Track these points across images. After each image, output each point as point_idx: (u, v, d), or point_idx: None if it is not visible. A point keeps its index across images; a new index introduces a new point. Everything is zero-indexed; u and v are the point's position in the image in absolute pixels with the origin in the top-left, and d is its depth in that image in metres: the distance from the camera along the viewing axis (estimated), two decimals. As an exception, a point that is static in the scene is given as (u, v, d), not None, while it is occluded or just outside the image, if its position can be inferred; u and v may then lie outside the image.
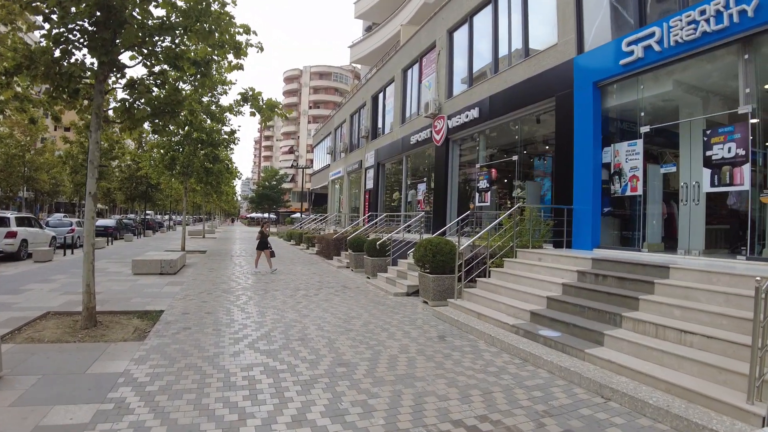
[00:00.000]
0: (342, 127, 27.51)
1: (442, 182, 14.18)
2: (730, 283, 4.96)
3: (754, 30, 5.95)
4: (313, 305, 8.24)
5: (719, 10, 6.23)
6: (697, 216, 6.92)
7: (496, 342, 5.89)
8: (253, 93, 6.75)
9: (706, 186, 6.59)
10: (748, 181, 6.06)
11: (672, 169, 7.32)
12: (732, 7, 6.07)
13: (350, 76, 76.40)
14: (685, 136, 7.33)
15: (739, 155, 6.17)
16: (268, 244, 13.20)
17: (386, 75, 19.77)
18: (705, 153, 6.60)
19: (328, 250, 17.48)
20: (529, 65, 10.26)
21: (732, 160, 6.25)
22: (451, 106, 13.80)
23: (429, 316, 7.57)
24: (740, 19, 6.01)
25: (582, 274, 6.51)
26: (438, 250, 8.47)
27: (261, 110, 6.69)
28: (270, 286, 10.43)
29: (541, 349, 5.39)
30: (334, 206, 29.23)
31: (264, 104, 6.74)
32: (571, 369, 4.72)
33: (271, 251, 13.25)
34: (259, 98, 6.75)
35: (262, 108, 6.68)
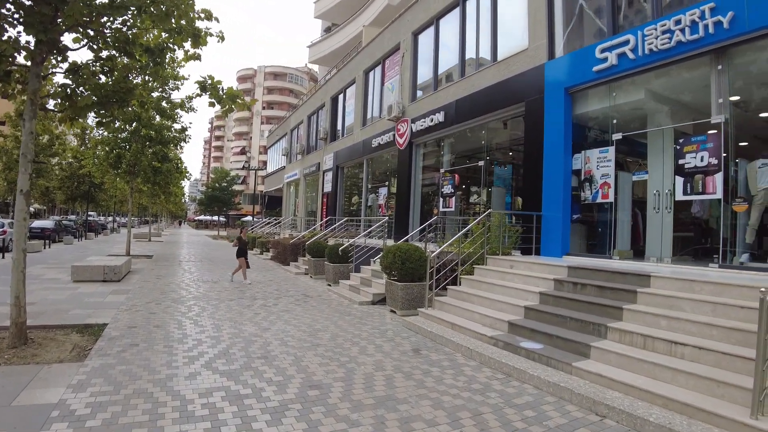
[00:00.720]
0: (299, 128, 26.67)
1: (405, 187, 13.86)
2: (714, 292, 4.88)
3: (728, 41, 6.03)
4: (273, 317, 7.55)
5: (695, 21, 6.28)
6: (669, 224, 6.95)
7: (475, 355, 5.53)
8: (213, 82, 6.06)
9: (679, 194, 6.62)
10: (720, 190, 6.11)
11: (644, 177, 7.35)
12: (708, 18, 6.14)
13: (305, 78, 75.27)
14: (657, 144, 7.39)
15: (711, 164, 6.23)
16: (245, 252, 12.11)
17: (347, 76, 19.29)
18: (677, 161, 6.64)
19: (284, 256, 16.65)
20: (497, 70, 10.15)
21: (704, 168, 6.30)
22: (415, 110, 13.53)
23: (399, 327, 7.12)
24: (715, 30, 6.08)
25: (559, 283, 6.31)
26: (407, 256, 8.06)
27: (221, 100, 6.00)
28: (224, 295, 9.59)
29: (524, 362, 5.08)
30: (289, 209, 28.23)
31: (224, 94, 6.05)
32: (560, 384, 4.43)
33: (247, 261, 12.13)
34: (219, 87, 6.06)
35: (222, 98, 6.00)
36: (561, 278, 6.37)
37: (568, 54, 8.34)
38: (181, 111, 15.45)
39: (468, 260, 8.08)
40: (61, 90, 5.83)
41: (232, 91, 6.05)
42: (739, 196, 6.16)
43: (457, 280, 7.81)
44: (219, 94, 5.97)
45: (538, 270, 6.99)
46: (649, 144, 7.59)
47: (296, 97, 73.58)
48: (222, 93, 6.03)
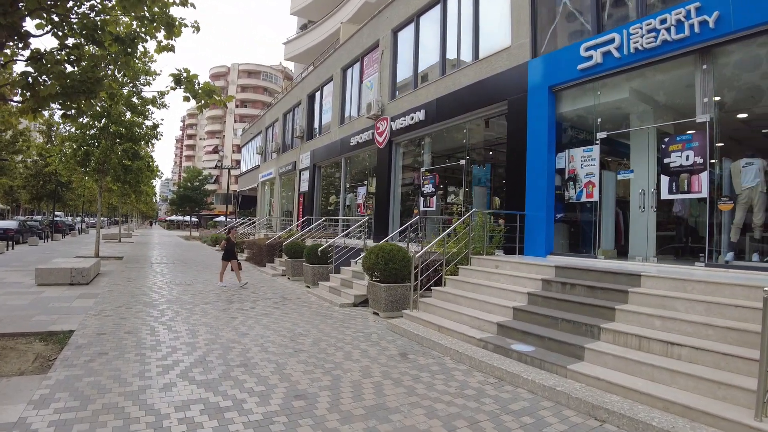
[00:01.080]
0: (274, 126, 26.07)
1: (385, 186, 13.62)
2: (706, 292, 4.83)
3: (714, 41, 6.04)
4: (251, 321, 7.17)
5: (680, 20, 6.28)
6: (654, 223, 6.95)
7: (465, 359, 5.33)
8: (188, 75, 5.64)
9: (664, 193, 6.61)
10: (706, 189, 6.12)
11: (629, 176, 7.34)
12: (693, 17, 6.14)
13: (280, 76, 74.18)
14: (642, 143, 7.39)
15: (697, 163, 6.24)
16: (235, 254, 11.35)
17: (324, 73, 18.92)
18: (663, 160, 6.64)
19: (260, 257, 16.15)
20: (479, 68, 10.04)
21: (690, 168, 6.30)
22: (394, 108, 13.32)
23: (384, 330, 6.86)
24: (701, 30, 6.09)
25: (547, 283, 6.19)
26: (391, 257, 7.82)
27: (196, 95, 5.60)
28: (199, 298, 9.12)
29: (516, 365, 4.91)
30: (264, 209, 27.57)
31: (200, 89, 5.66)
32: (556, 389, 4.26)
33: (238, 262, 11.43)
34: (195, 81, 5.65)
35: (198, 93, 5.60)
36: (549, 278, 6.25)
37: (552, 52, 8.28)
38: (153, 107, 14.82)
39: (452, 260, 7.90)
40: (21, 78, 5.32)
41: (209, 86, 5.66)
42: (724, 195, 6.19)
43: (442, 280, 7.62)
44: (194, 89, 5.58)
45: (525, 270, 6.87)
46: (633, 143, 7.60)
47: (270, 96, 72.51)
48: (198, 87, 5.63)
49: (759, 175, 6.03)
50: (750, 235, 6.21)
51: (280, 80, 74.92)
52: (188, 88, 5.48)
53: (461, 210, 11.16)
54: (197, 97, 5.51)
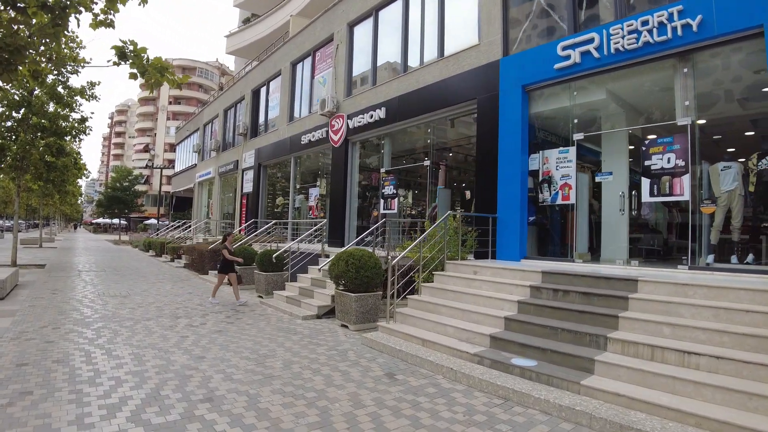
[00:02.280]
0: (213, 123, 24.31)
1: (341, 187, 12.88)
2: (709, 296, 4.67)
3: (696, 44, 6.03)
4: (205, 340, 6.16)
5: (663, 22, 6.23)
6: (635, 226, 6.87)
7: (462, 377, 4.79)
8: (135, 49, 4.62)
9: (645, 196, 6.53)
10: (688, 192, 6.09)
11: (608, 178, 7.23)
12: (676, 20, 6.10)
13: (216, 73, 70.66)
14: (619, 144, 7.33)
15: (678, 166, 6.19)
16: (233, 266, 9.51)
17: (271, 68, 17.80)
18: (643, 162, 6.56)
19: (201, 263, 14.69)
20: (446, 65, 9.66)
21: (671, 170, 6.26)
22: (352, 105, 12.65)
23: (360, 346, 6.16)
24: (684, 33, 6.05)
25: (536, 290, 5.83)
26: (362, 264, 7.14)
27: (145, 71, 4.59)
28: (139, 313, 7.86)
29: (521, 383, 4.44)
30: (201, 212, 25.61)
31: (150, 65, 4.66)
32: (575, 408, 3.84)
33: (238, 275, 9.74)
34: (143, 56, 4.64)
35: (147, 68, 4.60)
36: (537, 285, 5.89)
37: (526, 50, 8.06)
38: (81, 99, 13.04)
39: (426, 267, 7.37)
40: None
41: (160, 62, 4.69)
42: (706, 198, 6.19)
43: (417, 288, 7.06)
44: (143, 64, 4.58)
45: (508, 276, 6.48)
46: (609, 145, 7.53)
47: (206, 93, 68.97)
48: (147, 63, 4.63)
49: (737, 178, 6.09)
50: (728, 237, 6.26)
51: (216, 77, 71.43)
52: (135, 64, 4.48)
53: (426, 212, 10.71)
54: (146, 74, 4.51)
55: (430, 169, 10.40)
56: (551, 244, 8.24)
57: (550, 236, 8.31)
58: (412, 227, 10.59)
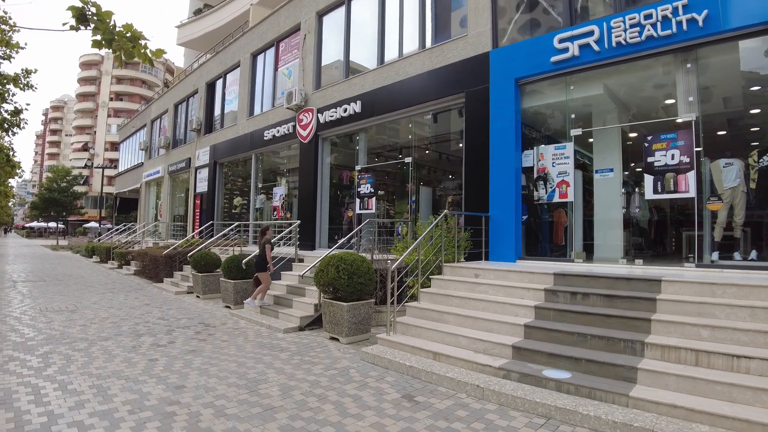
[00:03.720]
0: (162, 118, 22.51)
1: (310, 186, 12.09)
2: (740, 295, 4.47)
3: (701, 40, 5.91)
4: (179, 363, 5.29)
5: (667, 17, 6.06)
6: (638, 224, 6.70)
7: (490, 395, 4.30)
8: (98, 12, 3.70)
9: (649, 193, 6.36)
10: (693, 189, 5.96)
11: (609, 175, 7.03)
12: (681, 14, 5.95)
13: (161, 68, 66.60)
14: (614, 141, 7.15)
15: (683, 162, 6.06)
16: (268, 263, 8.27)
17: (229, 59, 16.60)
18: (646, 159, 6.39)
19: (155, 270, 13.35)
20: (429, 57, 9.19)
21: (676, 167, 6.11)
22: (322, 98, 11.90)
23: (360, 363, 5.52)
24: (689, 28, 5.91)
25: (552, 293, 5.47)
26: (355, 270, 6.49)
27: (112, 40, 3.70)
28: (92, 331, 6.79)
29: (562, 398, 4.02)
30: (149, 213, 23.66)
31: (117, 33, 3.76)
32: (633, 425, 3.47)
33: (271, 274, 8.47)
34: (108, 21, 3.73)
35: (115, 36, 3.71)
36: (552, 288, 5.53)
37: (520, 42, 7.73)
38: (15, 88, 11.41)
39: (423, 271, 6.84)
40: None
41: (132, 29, 3.79)
42: (713, 195, 6.10)
43: (415, 294, 6.51)
44: (110, 30, 3.68)
45: (515, 278, 6.09)
46: (603, 141, 7.35)
47: (150, 89, 65.04)
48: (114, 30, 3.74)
49: (739, 175, 6.05)
50: (729, 234, 6.21)
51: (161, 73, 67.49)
52: (100, 29, 3.57)
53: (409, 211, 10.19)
54: (114, 44, 3.62)
55: (413, 166, 9.88)
56: (545, 244, 7.97)
57: (542, 236, 8.05)
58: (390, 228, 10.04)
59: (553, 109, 7.80)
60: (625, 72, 6.92)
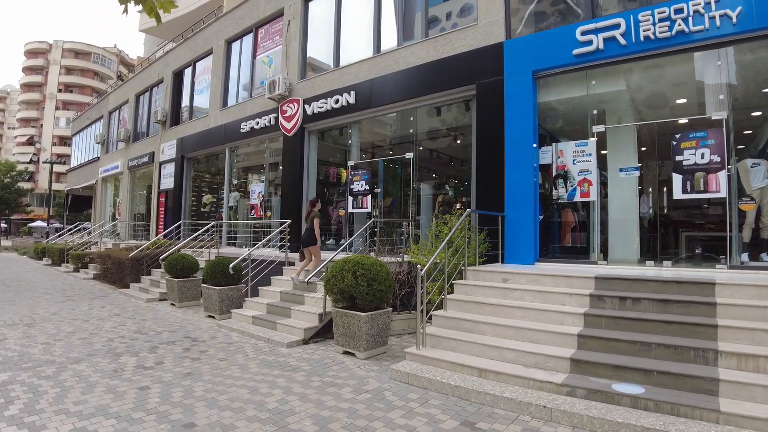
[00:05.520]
0: (122, 109, 20.74)
1: (295, 182, 11.27)
2: (805, 300, 4.26)
3: (735, 37, 5.73)
4: (177, 392, 4.49)
5: (699, 11, 5.85)
6: (667, 224, 6.49)
7: (560, 415, 3.85)
8: None
9: (677, 192, 6.15)
10: (725, 189, 5.78)
11: (634, 174, 6.78)
12: (714, 10, 5.75)
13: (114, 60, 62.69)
14: (631, 139, 6.92)
15: (713, 162, 5.88)
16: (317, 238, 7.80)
17: (200, 46, 15.41)
18: (674, 158, 6.17)
19: (119, 275, 12.10)
20: (434, 46, 8.67)
21: (706, 166, 5.92)
22: (309, 88, 11.13)
23: (391, 383, 4.90)
24: (721, 24, 5.73)
25: (598, 299, 5.10)
26: (374, 275, 5.88)
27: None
28: (59, 350, 5.83)
29: (644, 417, 3.61)
30: (105, 212, 21.77)
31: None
32: (741, 454, 3.09)
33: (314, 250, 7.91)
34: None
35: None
36: (596, 293, 5.16)
37: (538, 33, 7.36)
38: None
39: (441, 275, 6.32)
40: None
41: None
42: (745, 195, 5.96)
43: (432, 301, 5.95)
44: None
45: (550, 283, 5.69)
46: (620, 139, 7.10)
47: (102, 81, 61.09)
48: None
49: (767, 175, 5.94)
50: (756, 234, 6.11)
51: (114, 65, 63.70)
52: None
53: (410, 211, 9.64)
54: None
55: (414, 163, 9.31)
56: (567, 245, 7.66)
57: (558, 236, 7.74)
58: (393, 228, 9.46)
59: (572, 105, 7.49)
60: (651, 67, 6.70)
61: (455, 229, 6.03)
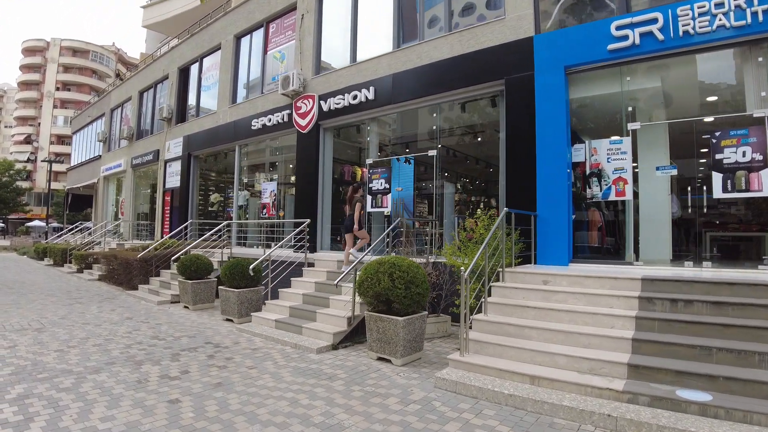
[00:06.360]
0: (125, 107, 20.39)
1: (311, 181, 11.07)
2: None
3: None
4: (212, 405, 4.25)
5: (740, 6, 5.72)
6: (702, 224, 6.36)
7: (626, 425, 3.70)
8: None
9: (717, 191, 6.01)
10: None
11: (672, 172, 6.63)
12: (756, 5, 5.62)
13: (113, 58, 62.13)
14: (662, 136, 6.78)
15: (755, 160, 5.75)
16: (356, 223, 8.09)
17: (207, 41, 15.12)
18: (714, 156, 6.03)
19: (127, 276, 11.85)
20: (459, 40, 8.47)
21: (748, 165, 5.80)
22: (324, 84, 10.91)
23: (439, 393, 4.72)
24: (764, 19, 5.59)
25: (647, 301, 4.95)
26: (412, 278, 5.70)
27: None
28: (75, 359, 5.59)
29: (716, 425, 3.48)
30: (107, 211, 21.44)
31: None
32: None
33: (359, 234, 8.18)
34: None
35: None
36: (645, 295, 5.02)
37: (572, 28, 7.19)
38: None
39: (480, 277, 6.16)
40: None
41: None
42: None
43: (483, 306, 5.77)
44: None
45: (595, 285, 5.54)
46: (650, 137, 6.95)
47: (101, 80, 60.79)
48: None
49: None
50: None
51: (113, 63, 63.24)
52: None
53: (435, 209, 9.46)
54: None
55: (438, 160, 9.11)
56: (599, 245, 7.52)
57: (589, 236, 7.59)
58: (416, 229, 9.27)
59: (604, 101, 7.33)
60: (688, 63, 6.55)
61: (494, 228, 5.86)
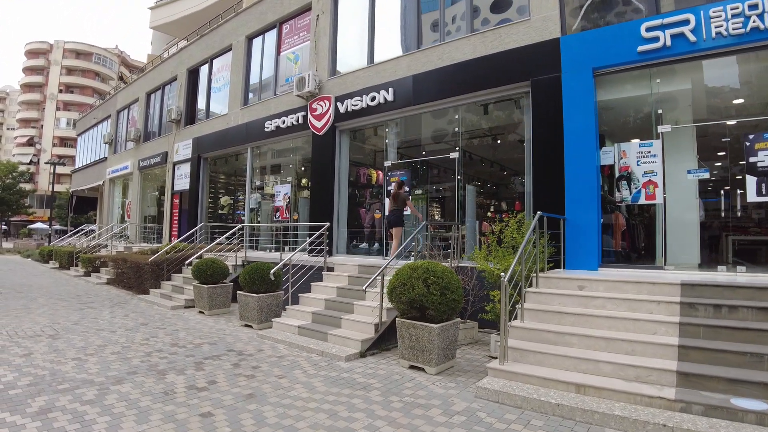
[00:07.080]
0: (131, 108, 20.26)
1: (327, 184, 10.96)
2: None
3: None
4: (248, 419, 4.07)
5: (774, 8, 5.66)
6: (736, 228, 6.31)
7: (683, 438, 3.61)
8: None
9: (752, 195, 5.95)
10: (806, 191, 5.61)
11: (703, 175, 6.57)
12: (791, 7, 5.56)
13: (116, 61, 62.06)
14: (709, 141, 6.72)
15: (793, 163, 5.70)
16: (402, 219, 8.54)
17: (218, 42, 15.01)
18: (748, 159, 5.98)
19: (138, 279, 11.73)
20: (482, 40, 8.39)
21: (785, 168, 5.75)
22: (340, 85, 10.82)
23: (482, 403, 4.62)
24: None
25: (689, 307, 4.89)
26: (446, 284, 5.61)
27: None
28: (95, 369, 5.44)
29: (778, 442, 3.41)
30: (114, 213, 21.30)
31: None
32: None
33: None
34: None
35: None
36: (686, 300, 4.96)
37: (600, 29, 7.11)
38: None
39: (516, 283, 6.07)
40: None
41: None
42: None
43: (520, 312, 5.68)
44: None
45: (633, 290, 5.46)
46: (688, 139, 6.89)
47: (104, 82, 61.03)
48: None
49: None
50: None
51: (116, 66, 63.25)
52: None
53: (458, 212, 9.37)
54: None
55: (460, 162, 9.03)
56: (628, 250, 7.45)
57: (614, 240, 7.52)
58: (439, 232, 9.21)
59: (633, 103, 7.27)
60: (719, 66, 6.48)
61: (530, 232, 5.77)
